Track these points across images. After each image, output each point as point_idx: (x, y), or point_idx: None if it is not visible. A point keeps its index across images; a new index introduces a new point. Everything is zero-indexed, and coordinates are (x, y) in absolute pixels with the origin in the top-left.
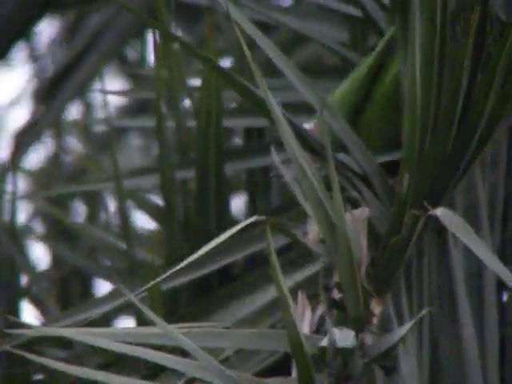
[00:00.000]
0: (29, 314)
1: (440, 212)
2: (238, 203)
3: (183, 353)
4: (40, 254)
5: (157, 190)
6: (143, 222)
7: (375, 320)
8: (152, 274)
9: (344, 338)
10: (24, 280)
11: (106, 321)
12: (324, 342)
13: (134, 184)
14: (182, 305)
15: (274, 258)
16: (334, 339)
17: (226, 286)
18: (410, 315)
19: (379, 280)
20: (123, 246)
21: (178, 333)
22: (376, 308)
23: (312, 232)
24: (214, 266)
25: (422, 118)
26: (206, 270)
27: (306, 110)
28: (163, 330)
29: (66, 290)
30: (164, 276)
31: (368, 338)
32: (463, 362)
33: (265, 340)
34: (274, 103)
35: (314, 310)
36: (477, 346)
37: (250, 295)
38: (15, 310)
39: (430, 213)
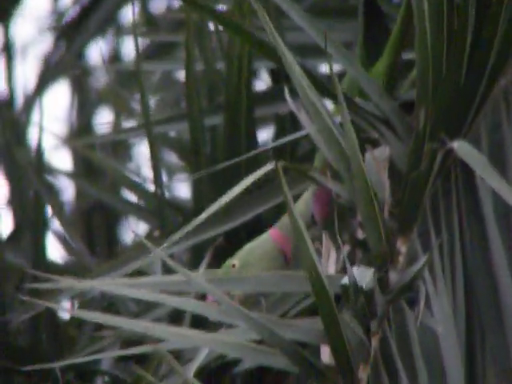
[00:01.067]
0: (54, 248)
1: (457, 145)
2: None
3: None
4: (65, 190)
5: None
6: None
7: (401, 258)
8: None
9: (363, 276)
10: (49, 215)
11: None
12: (344, 281)
13: (163, 130)
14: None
15: (290, 202)
16: (354, 278)
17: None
18: (440, 255)
19: (403, 218)
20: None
21: (201, 279)
22: (401, 246)
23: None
24: (242, 219)
25: (434, 52)
26: (234, 223)
27: (315, 50)
28: (187, 277)
29: (90, 225)
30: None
31: (393, 276)
32: (498, 299)
33: (288, 282)
34: (285, 48)
35: (338, 250)
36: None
37: None
38: (41, 245)
39: (447, 146)
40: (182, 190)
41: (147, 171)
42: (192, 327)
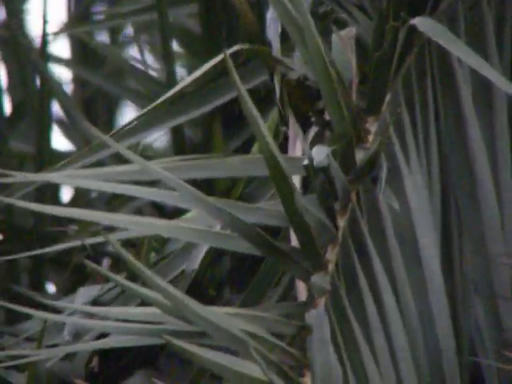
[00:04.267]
0: (58, 137)
1: (418, 21)
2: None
3: None
4: (66, 78)
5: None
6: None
7: (371, 137)
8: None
9: (320, 153)
10: (53, 105)
11: None
12: (304, 161)
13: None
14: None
15: (239, 86)
16: (311, 156)
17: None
18: (414, 134)
19: (371, 97)
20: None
21: (156, 167)
22: (371, 126)
23: None
24: (217, 102)
25: None
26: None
27: None
28: (142, 166)
29: (92, 113)
30: None
31: (360, 155)
32: (473, 175)
33: (255, 166)
34: None
35: (307, 132)
36: (487, 159)
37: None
38: (46, 135)
39: (409, 22)
40: None
41: (148, 57)
42: None
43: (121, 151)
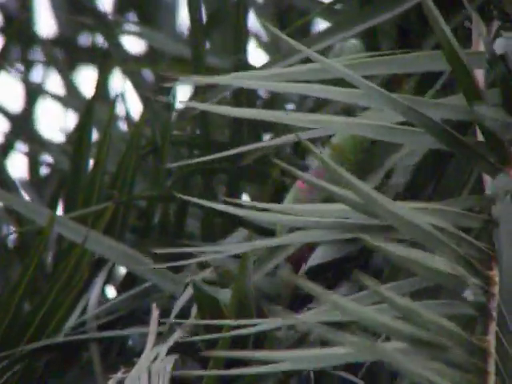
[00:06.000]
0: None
1: None
2: None
3: None
4: None
5: None
6: None
7: None
8: None
9: (501, 45)
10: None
11: None
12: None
13: None
14: None
15: None
16: (492, 48)
17: None
18: None
19: None
20: None
21: (337, 64)
22: None
23: None
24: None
25: None
26: None
27: None
28: (323, 64)
29: (286, 25)
30: None
31: None
32: None
33: (433, 61)
34: None
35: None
36: None
37: None
38: (242, 46)
39: None
40: None
41: None
42: None
43: (300, 47)
